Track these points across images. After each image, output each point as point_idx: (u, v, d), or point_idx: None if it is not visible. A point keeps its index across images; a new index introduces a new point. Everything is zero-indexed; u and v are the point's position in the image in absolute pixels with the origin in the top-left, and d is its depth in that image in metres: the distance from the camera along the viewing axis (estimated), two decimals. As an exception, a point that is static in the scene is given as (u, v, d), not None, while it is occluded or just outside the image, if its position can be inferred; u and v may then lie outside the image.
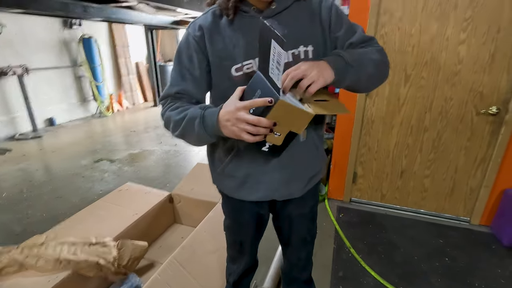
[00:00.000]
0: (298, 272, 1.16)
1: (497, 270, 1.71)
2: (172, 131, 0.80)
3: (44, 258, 1.24)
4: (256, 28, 0.70)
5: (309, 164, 0.93)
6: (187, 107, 0.78)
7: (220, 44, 0.79)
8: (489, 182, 2.00)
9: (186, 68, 0.81)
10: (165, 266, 1.29)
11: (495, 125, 1.89)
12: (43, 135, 4.41)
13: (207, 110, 0.74)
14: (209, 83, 0.84)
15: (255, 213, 1.00)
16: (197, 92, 0.83)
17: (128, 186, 2.03)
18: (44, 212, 2.38)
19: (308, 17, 0.80)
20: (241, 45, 0.77)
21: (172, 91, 0.82)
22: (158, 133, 4.60)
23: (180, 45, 0.83)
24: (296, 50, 0.78)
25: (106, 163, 3.40)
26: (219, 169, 0.92)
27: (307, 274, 1.19)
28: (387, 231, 2.07)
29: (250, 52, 0.77)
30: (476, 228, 2.10)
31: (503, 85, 1.80)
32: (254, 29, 0.73)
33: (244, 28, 0.78)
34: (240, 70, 0.78)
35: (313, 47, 0.79)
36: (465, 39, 1.78)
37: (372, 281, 1.63)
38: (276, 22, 0.65)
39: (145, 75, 6.96)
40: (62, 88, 5.07)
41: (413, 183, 2.21)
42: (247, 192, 0.91)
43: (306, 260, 1.14)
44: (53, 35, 4.77)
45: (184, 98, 0.82)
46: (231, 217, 1.07)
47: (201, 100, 0.85)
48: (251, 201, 0.94)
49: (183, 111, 0.77)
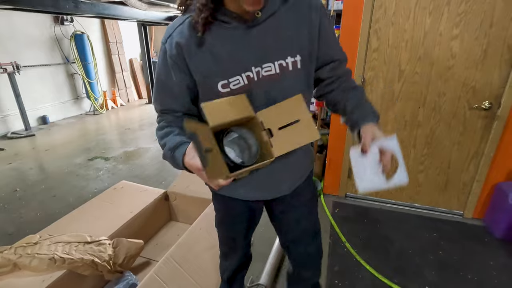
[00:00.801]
0: (303, 271, 1.11)
1: (489, 262, 1.74)
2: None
3: (38, 257, 1.23)
4: (241, 39, 0.70)
5: (298, 166, 0.92)
6: (167, 132, 0.81)
7: (202, 61, 0.73)
8: (481, 176, 2.02)
9: (166, 86, 0.80)
10: (161, 264, 1.29)
11: (487, 120, 1.91)
12: (36, 133, 4.35)
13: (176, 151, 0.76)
14: (192, 95, 0.82)
15: (247, 206, 0.98)
16: (180, 107, 0.83)
17: (123, 184, 2.01)
18: (38, 211, 2.36)
19: (295, 22, 0.74)
20: (225, 60, 0.72)
21: (158, 108, 0.86)
22: (153, 130, 4.54)
23: (158, 62, 0.80)
24: (284, 62, 0.73)
25: (100, 161, 3.38)
26: None
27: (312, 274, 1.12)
28: (382, 225, 2.09)
29: (236, 67, 0.72)
30: (469, 221, 2.13)
31: (495, 80, 1.81)
32: (238, 41, 0.71)
33: (226, 40, 0.71)
34: (227, 87, 0.73)
35: (301, 57, 0.75)
36: (458, 34, 1.79)
37: (367, 275, 1.65)
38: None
39: (140, 72, 6.90)
40: (55, 85, 5.00)
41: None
42: (237, 193, 0.92)
43: (310, 256, 1.07)
44: (44, 31, 4.70)
45: (169, 114, 0.84)
46: (221, 210, 1.04)
47: (189, 112, 0.85)
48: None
49: (166, 135, 0.81)
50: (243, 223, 1.03)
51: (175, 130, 0.81)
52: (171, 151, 0.76)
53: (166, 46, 0.75)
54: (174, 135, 0.79)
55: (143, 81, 6.94)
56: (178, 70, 0.76)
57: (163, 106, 0.84)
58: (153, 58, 6.72)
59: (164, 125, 0.83)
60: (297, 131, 0.70)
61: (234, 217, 1.02)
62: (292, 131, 0.70)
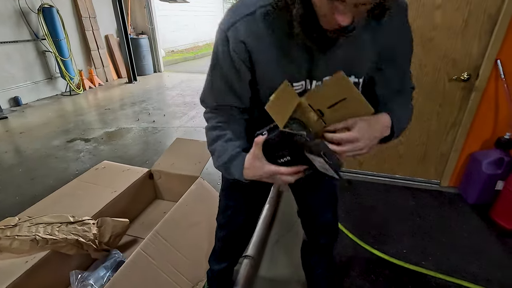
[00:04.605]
0: (318, 237, 1.12)
1: (462, 226, 1.86)
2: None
3: (18, 239, 1.20)
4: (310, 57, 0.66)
5: None
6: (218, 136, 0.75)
7: (269, 62, 0.66)
8: (458, 146, 2.11)
9: (227, 82, 0.71)
10: (148, 240, 1.29)
11: (465, 91, 1.96)
12: (8, 115, 4.12)
13: (232, 167, 0.71)
14: (253, 90, 0.75)
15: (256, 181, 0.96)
16: (239, 104, 0.76)
17: (105, 164, 1.96)
18: (17, 195, 2.29)
19: (370, 40, 0.67)
20: (295, 67, 0.67)
21: (210, 101, 0.77)
22: (135, 110, 4.43)
23: (217, 52, 0.68)
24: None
25: (80, 142, 3.27)
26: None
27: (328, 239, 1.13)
28: (364, 196, 2.17)
29: (303, 74, 0.69)
30: (445, 190, 2.24)
31: (475, 51, 1.84)
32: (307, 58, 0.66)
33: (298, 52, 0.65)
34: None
35: (363, 79, 0.71)
36: (441, 4, 1.78)
37: (350, 243, 1.73)
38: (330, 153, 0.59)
39: (117, 49, 6.55)
40: (24, 64, 4.68)
41: (388, 150, 2.29)
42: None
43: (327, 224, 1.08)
44: (7, 4, 4.31)
45: (225, 110, 0.76)
46: (227, 180, 0.99)
47: (246, 108, 0.78)
48: None
49: (215, 140, 0.75)
50: (247, 194, 0.99)
51: (227, 133, 0.74)
52: (225, 166, 0.73)
53: (228, 35, 0.65)
54: (224, 142, 0.73)
55: (121, 59, 6.62)
56: (244, 66, 0.68)
57: (218, 101, 0.75)
58: (130, 34, 6.38)
59: (215, 125, 0.76)
60: (347, 107, 0.64)
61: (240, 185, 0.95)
62: (342, 108, 0.64)
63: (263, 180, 0.69)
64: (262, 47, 0.65)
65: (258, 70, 0.69)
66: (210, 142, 0.76)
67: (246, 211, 1.05)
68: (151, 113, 4.29)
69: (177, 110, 4.40)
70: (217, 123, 0.76)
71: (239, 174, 0.70)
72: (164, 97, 5.24)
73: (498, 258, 1.61)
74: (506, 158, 1.86)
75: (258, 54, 0.66)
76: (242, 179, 0.71)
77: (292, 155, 0.62)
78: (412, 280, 1.49)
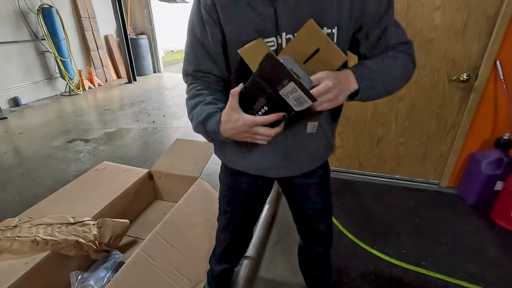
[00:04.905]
0: (313, 245, 1.12)
1: (461, 226, 1.86)
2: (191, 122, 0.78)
3: (19, 240, 1.20)
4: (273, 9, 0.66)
5: (314, 153, 0.88)
6: (198, 101, 0.74)
7: (237, 15, 0.69)
8: (457, 147, 2.11)
9: (200, 43, 0.74)
10: (148, 241, 1.29)
11: (465, 92, 1.96)
12: (8, 116, 4.12)
13: (208, 125, 0.71)
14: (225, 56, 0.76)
15: (254, 184, 0.96)
16: (215, 69, 0.77)
17: (105, 165, 1.96)
18: (17, 195, 2.29)
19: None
20: (260, 20, 0.68)
21: (190, 69, 0.78)
22: (135, 110, 4.43)
23: (191, 15, 0.73)
24: None
25: (80, 143, 3.27)
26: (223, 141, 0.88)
27: (322, 247, 1.13)
28: (364, 197, 2.17)
29: (270, 28, 0.68)
30: (444, 190, 2.25)
31: (474, 51, 1.84)
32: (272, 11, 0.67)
33: (262, 5, 0.67)
34: None
35: (338, 29, 0.69)
36: (440, 5, 1.78)
37: (349, 243, 1.73)
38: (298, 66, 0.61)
39: (117, 49, 6.55)
40: (24, 64, 4.68)
41: (388, 150, 2.30)
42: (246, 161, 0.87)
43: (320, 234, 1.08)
44: (6, 4, 4.31)
45: (203, 78, 0.78)
46: (227, 184, 1.01)
47: (222, 76, 0.79)
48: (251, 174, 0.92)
49: (194, 107, 0.74)
50: (245, 199, 1.01)
51: (206, 98, 0.74)
52: (203, 124, 0.71)
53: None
54: (204, 105, 0.73)
55: (121, 59, 6.62)
56: (213, 23, 0.70)
57: (196, 66, 0.77)
58: (130, 34, 6.38)
59: (194, 93, 0.76)
60: (322, 60, 0.66)
61: (238, 191, 0.99)
62: (318, 63, 0.67)
63: (243, 138, 0.67)
64: (228, 3, 0.68)
65: (227, 29, 0.71)
66: (190, 110, 0.76)
67: (244, 215, 1.06)
68: (151, 113, 4.29)
69: (177, 111, 4.41)
70: (197, 91, 0.77)
71: (216, 129, 0.69)
72: (163, 97, 5.24)
73: (497, 259, 1.62)
74: (505, 158, 1.87)
75: (226, 11, 0.69)
76: (220, 137, 0.70)
77: (269, 103, 0.62)
78: (412, 281, 1.49)
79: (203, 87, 0.77)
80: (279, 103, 0.61)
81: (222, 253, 1.17)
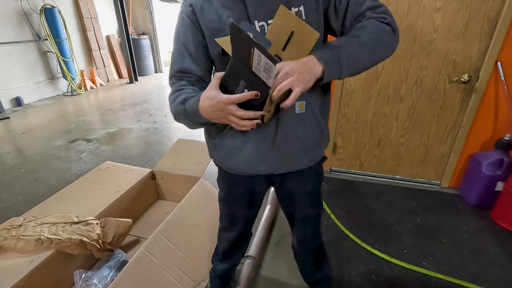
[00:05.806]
0: (305, 246, 1.14)
1: (462, 227, 1.87)
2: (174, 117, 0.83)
3: (23, 239, 1.22)
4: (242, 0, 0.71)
5: (306, 137, 0.86)
6: (180, 93, 0.79)
7: (212, 15, 0.75)
8: (458, 147, 2.12)
9: (183, 45, 0.81)
10: (151, 240, 1.30)
11: (466, 93, 1.97)
12: (10, 116, 4.14)
13: (186, 103, 0.75)
14: (208, 57, 0.82)
15: (250, 188, 0.99)
16: (196, 69, 0.82)
17: (108, 164, 1.98)
18: (20, 195, 2.30)
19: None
20: (234, 16, 0.73)
21: (174, 69, 0.84)
22: (136, 110, 4.44)
23: (176, 23, 0.82)
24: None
25: (82, 143, 3.28)
26: (215, 140, 0.89)
27: (314, 248, 1.15)
28: (365, 197, 2.18)
29: (243, 20, 0.74)
30: (445, 191, 2.25)
31: (475, 52, 1.85)
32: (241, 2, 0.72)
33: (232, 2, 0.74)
34: None
35: (305, 6, 0.73)
36: (441, 7, 1.79)
37: (351, 244, 1.74)
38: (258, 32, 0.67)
39: (118, 49, 6.57)
40: (26, 64, 4.71)
41: (389, 151, 2.31)
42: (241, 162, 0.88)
43: (312, 237, 1.11)
44: (9, 5, 4.34)
45: (186, 77, 0.83)
46: (225, 189, 1.04)
47: (203, 77, 0.84)
48: (246, 175, 0.93)
49: (175, 99, 0.79)
50: (244, 203, 1.03)
51: (187, 90, 0.79)
52: (182, 104, 0.75)
53: (182, 6, 0.80)
54: (185, 93, 0.78)
55: (122, 60, 6.64)
56: (193, 25, 0.78)
57: (179, 65, 0.82)
58: (132, 34, 6.40)
59: (176, 88, 0.81)
60: (299, 42, 0.70)
61: (236, 195, 1.02)
62: (295, 46, 0.70)
63: (219, 119, 0.69)
64: (204, 5, 0.76)
65: (205, 29, 0.77)
66: (171, 102, 0.81)
67: (244, 216, 1.09)
68: (153, 113, 4.30)
69: (178, 111, 4.41)
70: (179, 87, 0.81)
71: (195, 107, 0.71)
72: (165, 97, 5.25)
73: (498, 259, 1.63)
74: (506, 159, 1.88)
75: (202, 13, 0.77)
76: (199, 115, 0.72)
77: (248, 85, 0.64)
78: (413, 281, 1.50)
79: (185, 84, 0.82)
80: (256, 84, 0.63)
81: (224, 252, 1.20)
